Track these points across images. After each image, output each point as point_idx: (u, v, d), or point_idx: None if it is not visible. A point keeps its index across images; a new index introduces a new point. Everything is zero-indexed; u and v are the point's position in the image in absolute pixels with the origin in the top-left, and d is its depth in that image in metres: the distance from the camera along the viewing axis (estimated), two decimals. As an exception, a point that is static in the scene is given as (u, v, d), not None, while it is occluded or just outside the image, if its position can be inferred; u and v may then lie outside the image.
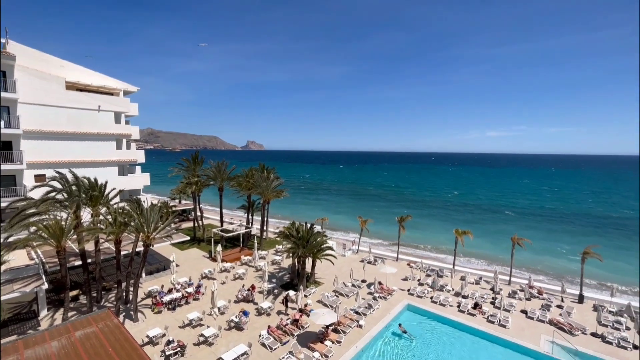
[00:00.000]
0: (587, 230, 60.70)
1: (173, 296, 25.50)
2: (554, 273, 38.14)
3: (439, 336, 22.80)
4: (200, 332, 21.15)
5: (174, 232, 33.89)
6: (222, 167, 44.30)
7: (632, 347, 20.96)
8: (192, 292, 26.85)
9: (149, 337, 20.40)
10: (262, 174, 42.48)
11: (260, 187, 39.69)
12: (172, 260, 28.82)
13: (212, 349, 20.15)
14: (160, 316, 23.85)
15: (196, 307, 25.03)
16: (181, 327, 22.34)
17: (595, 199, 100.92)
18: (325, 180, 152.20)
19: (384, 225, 53.36)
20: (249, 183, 41.63)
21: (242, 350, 19.09)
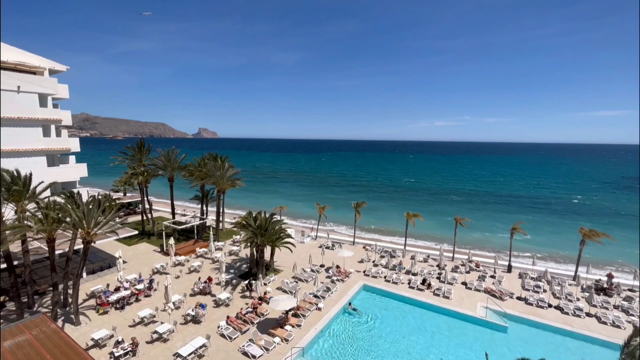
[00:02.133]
0: (517, 209, 68.76)
1: (121, 295, 23.88)
2: (489, 247, 42.87)
3: (392, 311, 24.56)
4: (153, 330, 20.21)
5: (119, 226, 31.25)
6: (172, 155, 41.64)
7: (547, 305, 24.66)
8: (142, 288, 25.37)
9: (94, 339, 18.97)
10: (216, 162, 40.81)
11: (214, 177, 38.18)
12: (119, 256, 26.78)
13: (168, 345, 19.43)
14: (106, 317, 22.24)
15: (148, 304, 23.75)
16: (132, 326, 21.12)
17: (525, 182, 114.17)
18: (283, 169, 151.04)
19: (342, 212, 54.97)
20: (201, 172, 39.76)
21: (200, 343, 18.71)
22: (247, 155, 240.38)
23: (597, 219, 59.53)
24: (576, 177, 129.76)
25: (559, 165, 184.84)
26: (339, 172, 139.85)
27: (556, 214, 65.05)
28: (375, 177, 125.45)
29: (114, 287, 25.75)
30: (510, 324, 22.43)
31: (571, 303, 24.88)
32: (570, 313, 23.69)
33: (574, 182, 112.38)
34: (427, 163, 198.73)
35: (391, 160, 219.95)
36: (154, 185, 53.78)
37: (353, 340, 20.98)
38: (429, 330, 22.19)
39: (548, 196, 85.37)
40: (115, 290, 24.87)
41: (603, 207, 72.03)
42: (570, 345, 20.58)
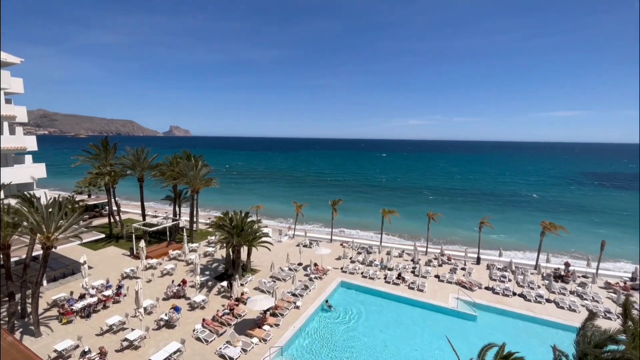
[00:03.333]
0: (485, 205, 72.41)
1: (86, 302, 22.55)
2: (460, 241, 44.89)
3: (369, 306, 25.08)
4: (123, 337, 19.28)
5: (84, 230, 29.50)
6: (142, 154, 39.81)
7: (512, 294, 26.28)
8: (110, 295, 24.12)
9: (58, 351, 17.81)
10: (189, 162, 39.51)
11: (188, 176, 36.96)
12: (83, 262, 25.25)
13: (139, 352, 18.63)
14: (71, 326, 20.93)
15: (117, 311, 22.61)
16: (99, 335, 20.03)
17: (491, 179, 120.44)
18: (258, 168, 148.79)
19: (319, 210, 55.18)
20: (174, 172, 38.35)
21: (175, 348, 18.11)
22: (221, 154, 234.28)
23: (554, 212, 64.05)
24: (537, 173, 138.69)
25: (521, 163, 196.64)
26: (316, 171, 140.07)
27: (519, 208, 69.26)
28: (352, 175, 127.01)
29: (78, 294, 24.25)
30: (480, 313, 23.69)
31: (533, 290, 26.67)
32: (532, 300, 25.40)
33: (534, 179, 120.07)
34: (401, 161, 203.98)
35: (367, 158, 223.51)
36: (122, 186, 51.14)
37: (332, 337, 21.22)
38: (404, 323, 22.91)
39: (512, 192, 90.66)
40: (80, 298, 23.45)
41: (559, 201, 77.65)
42: (532, 330, 22.07)
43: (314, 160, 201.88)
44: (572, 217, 59.60)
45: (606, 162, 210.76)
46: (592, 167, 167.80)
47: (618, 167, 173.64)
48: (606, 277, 30.45)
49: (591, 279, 29.35)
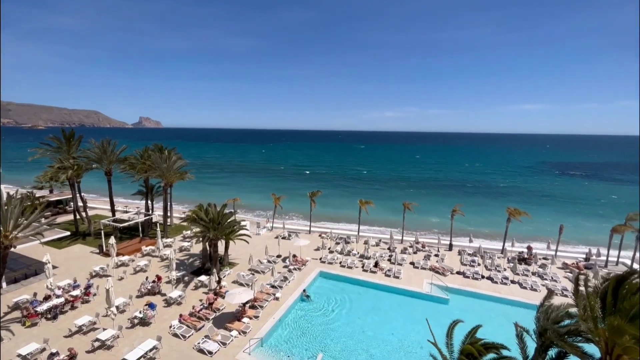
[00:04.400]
0: (457, 193, 75.55)
1: (52, 303, 21.39)
2: (435, 229, 46.70)
3: (348, 294, 25.64)
4: (94, 337, 18.52)
5: (46, 228, 27.76)
6: (109, 147, 37.71)
7: (480, 277, 27.86)
8: (79, 295, 23.00)
9: (22, 355, 16.85)
10: (162, 154, 37.94)
11: (160, 169, 35.54)
12: (47, 261, 23.80)
13: (112, 352, 18.00)
14: (35, 329, 19.80)
15: (87, 311, 21.62)
16: (68, 337, 19.10)
17: (463, 169, 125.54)
18: (234, 161, 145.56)
19: (297, 202, 55.13)
20: (145, 165, 36.75)
21: (151, 346, 17.66)
22: (195, 147, 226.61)
23: (520, 200, 68.05)
24: (504, 163, 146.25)
25: (491, 154, 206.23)
26: (294, 163, 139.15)
27: (488, 197, 72.94)
28: (330, 167, 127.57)
29: (43, 295, 22.91)
30: (451, 296, 24.95)
31: (499, 273, 28.41)
32: (499, 282, 27.08)
33: (502, 168, 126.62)
34: (379, 153, 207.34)
35: (346, 150, 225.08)
36: (88, 180, 48.39)
37: (311, 326, 21.55)
38: (382, 309, 23.68)
39: (482, 181, 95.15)
40: (45, 299, 22.19)
41: (524, 190, 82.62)
42: (499, 310, 23.57)
43: (292, 152, 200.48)
44: (535, 204, 63.64)
45: (568, 152, 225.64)
46: (555, 158, 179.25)
47: (579, 157, 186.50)
48: (564, 259, 32.98)
49: (550, 260, 31.69)
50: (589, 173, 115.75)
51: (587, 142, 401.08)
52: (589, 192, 79.61)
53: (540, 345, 11.68)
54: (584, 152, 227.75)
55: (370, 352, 19.15)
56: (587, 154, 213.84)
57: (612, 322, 8.91)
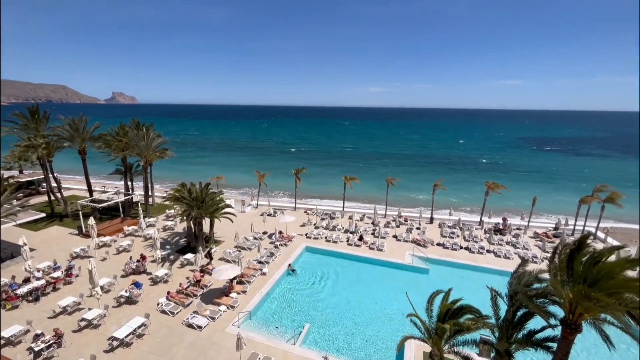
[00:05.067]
0: (439, 169, 77.38)
1: (32, 285, 20.94)
2: (417, 203, 48.06)
3: (333, 267, 26.45)
4: (80, 317, 18.45)
5: (19, 209, 26.59)
6: (81, 124, 35.66)
7: (459, 248, 29.29)
8: (60, 276, 22.58)
9: (5, 338, 16.62)
10: (139, 131, 36.33)
11: (138, 147, 34.18)
12: (23, 244, 23.02)
13: (100, 330, 18.06)
14: (17, 312, 19.47)
15: (70, 292, 21.36)
16: (52, 318, 18.95)
17: (446, 145, 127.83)
18: (216, 139, 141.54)
19: (282, 179, 54.99)
20: (121, 143, 35.22)
21: (139, 323, 17.79)
22: (174, 123, 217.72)
23: (498, 174, 70.59)
24: (485, 139, 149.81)
25: (472, 130, 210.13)
26: (278, 141, 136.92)
27: (469, 171, 75.19)
28: (314, 144, 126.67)
29: (22, 278, 22.34)
30: (431, 266, 26.21)
31: (476, 244, 29.92)
32: (476, 252, 28.59)
33: (483, 144, 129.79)
34: (363, 129, 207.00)
35: (329, 127, 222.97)
36: (60, 160, 46.16)
37: (298, 298, 22.26)
38: (365, 280, 24.67)
39: (463, 156, 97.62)
40: (25, 282, 21.66)
41: (502, 164, 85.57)
42: (475, 277, 25.04)
43: (275, 129, 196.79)
44: (513, 178, 66.26)
45: (545, 128, 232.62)
46: (533, 133, 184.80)
47: (556, 132, 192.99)
48: (535, 229, 34.98)
49: (523, 230, 33.56)
50: (564, 148, 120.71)
51: (564, 118, 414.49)
52: (563, 166, 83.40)
53: (510, 306, 12.60)
54: (561, 128, 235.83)
55: (354, 320, 20.12)
56: (564, 129, 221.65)
57: (578, 286, 9.67)
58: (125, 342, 16.97)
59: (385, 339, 18.30)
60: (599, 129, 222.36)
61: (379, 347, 17.80)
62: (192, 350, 16.78)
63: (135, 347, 16.92)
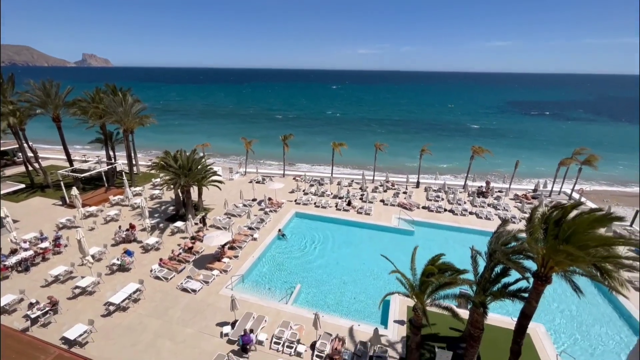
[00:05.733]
0: (428, 134, 77.65)
1: (21, 256, 20.82)
2: (404, 168, 48.80)
3: (322, 232, 27.21)
4: (74, 285, 18.71)
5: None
6: (52, 88, 33.37)
7: (443, 210, 30.42)
8: (48, 246, 22.45)
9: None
10: (116, 97, 34.40)
11: (117, 114, 32.58)
12: (5, 215, 22.48)
13: (95, 297, 18.45)
14: (8, 282, 19.52)
15: (60, 262, 21.40)
16: (45, 286, 19.13)
17: (436, 110, 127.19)
18: (199, 104, 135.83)
19: (270, 146, 54.30)
20: (98, 109, 33.42)
21: (134, 289, 18.22)
22: (152, 88, 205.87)
23: (484, 138, 71.54)
24: (473, 103, 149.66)
25: (461, 93, 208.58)
26: (264, 106, 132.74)
27: (455, 136, 75.93)
28: (302, 110, 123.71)
29: (8, 249, 22.11)
30: (417, 228, 27.33)
31: (460, 206, 31.09)
32: (459, 214, 29.80)
33: (471, 109, 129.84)
34: (351, 93, 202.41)
35: (317, 91, 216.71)
36: (34, 128, 43.78)
37: (289, 261, 23.07)
38: (353, 243, 25.62)
39: (451, 121, 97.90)
40: (12, 253, 21.48)
41: (489, 129, 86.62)
42: (458, 238, 26.32)
43: (261, 94, 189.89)
44: (498, 142, 67.39)
45: (534, 92, 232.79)
46: (521, 97, 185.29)
47: (544, 96, 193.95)
48: (516, 191, 36.42)
49: (505, 193, 34.89)
50: (551, 112, 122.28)
51: (554, 81, 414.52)
52: (548, 130, 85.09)
53: (489, 263, 13.47)
54: (550, 91, 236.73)
55: (343, 279, 21.19)
56: (553, 92, 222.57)
57: (552, 242, 10.33)
58: (122, 307, 17.49)
59: (372, 295, 19.47)
60: (589, 92, 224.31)
61: (366, 304, 19.01)
62: (188, 312, 17.49)
63: (132, 311, 17.49)
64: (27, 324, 16.03)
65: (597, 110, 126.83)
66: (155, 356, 14.78)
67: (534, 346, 15.42)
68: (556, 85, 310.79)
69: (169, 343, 15.50)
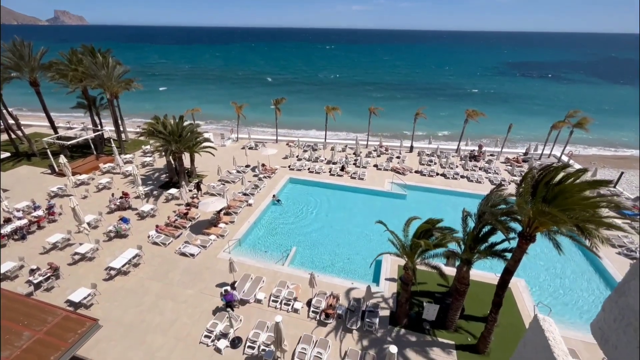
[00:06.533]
0: (424, 98, 75.91)
1: (15, 225, 20.85)
2: (398, 132, 48.51)
3: (317, 197, 27.60)
4: (73, 252, 19.02)
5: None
6: (25, 49, 31.15)
7: (435, 174, 30.87)
8: (42, 215, 22.42)
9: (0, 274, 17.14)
10: (95, 59, 32.37)
11: (99, 77, 30.93)
12: (-7, 185, 22.09)
13: (95, 262, 18.89)
14: (5, 250, 19.73)
15: (57, 229, 21.55)
16: (43, 253, 19.43)
17: (434, 72, 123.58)
18: (184, 67, 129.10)
19: (262, 111, 52.96)
20: (77, 72, 31.60)
21: (133, 254, 18.64)
22: (133, 49, 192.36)
23: (479, 101, 70.70)
24: (470, 64, 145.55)
25: (458, 54, 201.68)
26: (254, 69, 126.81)
27: (450, 99, 74.76)
28: (294, 72, 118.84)
29: (2, 219, 22.04)
30: (409, 192, 27.86)
31: (452, 170, 31.52)
32: (451, 177, 30.30)
33: (468, 70, 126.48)
34: (345, 54, 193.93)
35: (309, 52, 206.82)
36: (11, 94, 41.52)
37: (285, 225, 23.62)
38: (347, 207, 26.16)
39: (447, 84, 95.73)
40: (6, 222, 21.47)
41: (485, 91, 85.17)
42: (449, 201, 27.02)
43: (251, 56, 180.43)
44: (493, 105, 66.71)
45: (531, 52, 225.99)
46: (518, 58, 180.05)
47: (541, 56, 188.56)
48: (508, 154, 36.85)
49: (496, 156, 35.31)
50: (547, 73, 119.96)
51: (555, 40, 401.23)
52: (544, 92, 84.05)
53: (478, 224, 13.99)
54: (550, 51, 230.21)
55: (337, 242, 21.94)
56: (553, 52, 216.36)
57: (538, 204, 10.68)
58: (123, 271, 18.02)
59: (365, 256, 20.31)
60: (591, 53, 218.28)
61: (359, 264, 19.89)
62: (188, 274, 18.12)
63: (133, 275, 18.06)
64: (30, 289, 16.50)
65: (598, 72, 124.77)
66: (159, 316, 15.55)
67: (514, 298, 16.63)
68: (558, 45, 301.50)
69: (172, 303, 16.24)
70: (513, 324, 15.28)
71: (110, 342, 14.17)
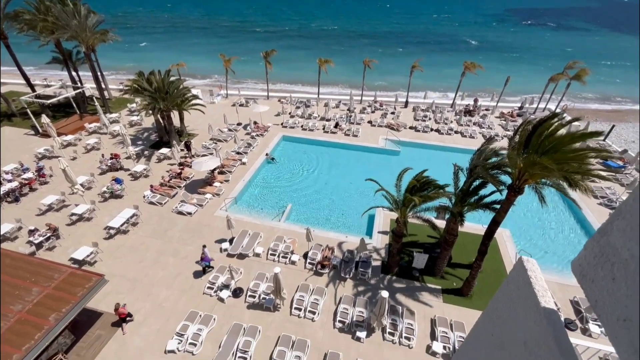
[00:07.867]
0: (422, 50, 72.20)
1: (7, 187, 20.62)
2: (393, 87, 47.03)
3: (311, 154, 27.51)
4: (69, 212, 19.16)
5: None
6: (-17, -3, 28.09)
7: (430, 130, 30.67)
8: (32, 177, 22.12)
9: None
10: (65, 6, 29.42)
11: (71, 28, 28.44)
12: (-24, 147, 21.36)
13: (93, 222, 19.15)
14: (1, 212, 19.73)
15: (49, 191, 21.42)
16: (40, 215, 19.54)
17: (433, 20, 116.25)
18: (163, 16, 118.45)
19: (251, 65, 50.25)
20: (47, 22, 28.95)
21: (130, 213, 18.87)
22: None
23: (478, 52, 67.82)
24: (471, 11, 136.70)
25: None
26: (240, 19, 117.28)
27: (449, 50, 71.50)
28: (283, 23, 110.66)
29: (-9, 181, 21.73)
30: (403, 148, 27.90)
31: (446, 126, 31.29)
32: (445, 133, 30.20)
33: (469, 18, 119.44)
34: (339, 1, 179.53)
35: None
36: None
37: (279, 183, 23.86)
38: (341, 164, 26.28)
39: (446, 34, 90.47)
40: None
41: (485, 42, 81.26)
42: (442, 156, 27.14)
43: (234, 3, 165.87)
44: (492, 57, 64.11)
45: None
46: (522, 3, 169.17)
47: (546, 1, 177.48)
48: (503, 109, 36.43)
49: (491, 111, 34.92)
50: (552, 21, 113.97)
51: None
52: (546, 43, 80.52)
53: (469, 178, 14.31)
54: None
55: (331, 198, 22.41)
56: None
57: (531, 156, 10.83)
58: (122, 230, 18.39)
59: (359, 211, 20.67)
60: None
61: (353, 218, 20.55)
62: (187, 232, 18.61)
63: (133, 233, 18.48)
64: (32, 249, 16.86)
65: (600, 20, 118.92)
66: (162, 270, 16.26)
67: (498, 247, 17.67)
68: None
69: (173, 259, 16.90)
70: (496, 269, 16.44)
71: (118, 295, 14.95)
